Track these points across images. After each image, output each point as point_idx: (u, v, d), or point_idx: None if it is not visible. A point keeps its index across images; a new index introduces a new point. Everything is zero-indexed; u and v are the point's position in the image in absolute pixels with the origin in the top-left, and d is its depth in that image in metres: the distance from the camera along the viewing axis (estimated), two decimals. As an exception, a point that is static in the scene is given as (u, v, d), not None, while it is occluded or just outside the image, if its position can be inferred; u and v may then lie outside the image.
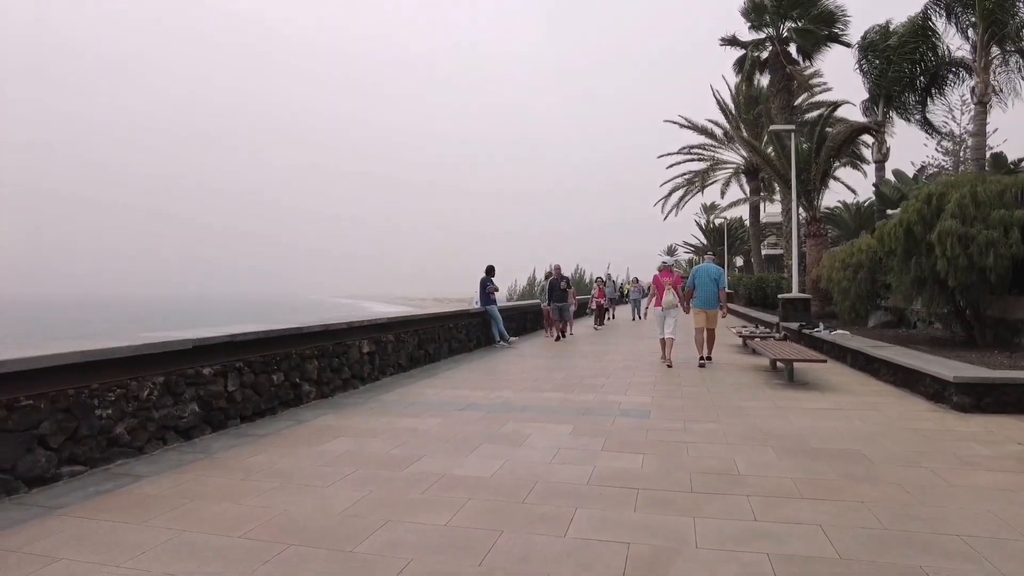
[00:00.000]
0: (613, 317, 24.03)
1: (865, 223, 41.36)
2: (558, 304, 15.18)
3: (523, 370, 9.91)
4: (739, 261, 55.99)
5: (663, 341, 10.68)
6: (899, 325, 13.26)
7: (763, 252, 36.07)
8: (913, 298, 10.02)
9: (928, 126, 20.73)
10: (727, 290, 12.97)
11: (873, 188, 18.86)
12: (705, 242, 57.51)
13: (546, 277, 16.17)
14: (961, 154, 48.38)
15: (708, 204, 59.90)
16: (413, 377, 9.30)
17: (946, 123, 42.31)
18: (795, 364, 8.35)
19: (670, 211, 34.98)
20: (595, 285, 21.73)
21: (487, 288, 13.84)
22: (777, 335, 12.18)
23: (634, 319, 23.61)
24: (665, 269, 10.90)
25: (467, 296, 50.83)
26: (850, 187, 28.04)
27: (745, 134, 20.09)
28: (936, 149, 40.82)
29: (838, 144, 17.05)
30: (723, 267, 35.05)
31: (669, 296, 10.47)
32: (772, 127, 16.55)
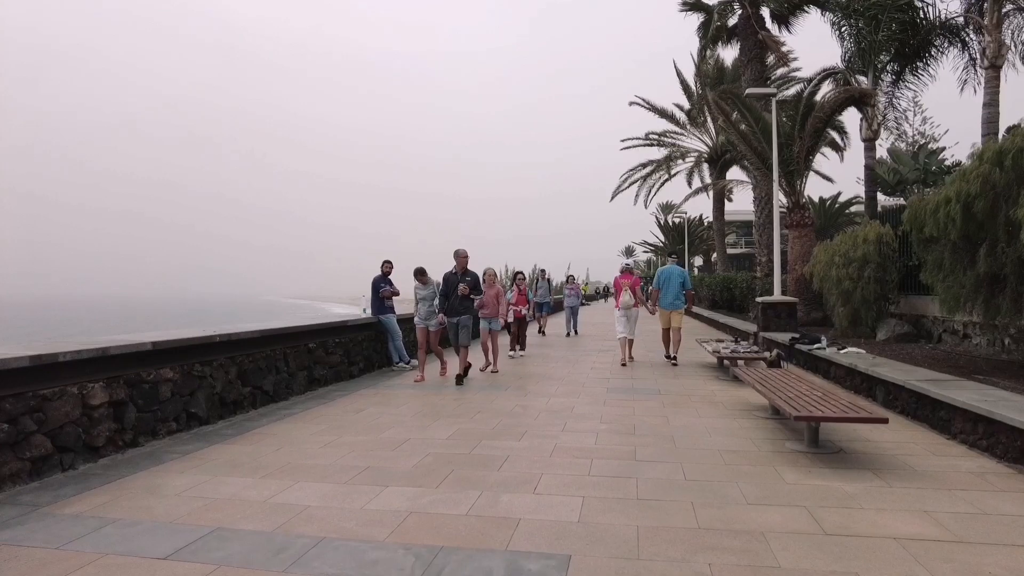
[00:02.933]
0: (543, 332, 16.72)
1: (833, 219, 39.14)
2: (454, 319, 8.75)
3: (389, 422, 6.31)
4: (698, 260, 53.60)
5: (623, 341, 10.67)
6: (918, 338, 10.19)
7: (727, 251, 33.28)
8: (973, 304, 6.84)
9: (891, 110, 17.82)
10: (691, 291, 10.85)
11: (865, 170, 15.99)
12: (664, 240, 55.00)
13: (417, 275, 9.39)
14: (920, 158, 46.59)
15: (665, 203, 57.57)
16: (203, 439, 5.63)
17: (899, 123, 40.36)
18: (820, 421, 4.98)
19: (637, 203, 31.81)
20: (513, 285, 13.02)
21: (380, 291, 10.22)
22: (768, 354, 8.91)
23: (569, 334, 16.46)
24: (626, 272, 11.19)
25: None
26: (826, 176, 25.18)
27: (711, 103, 16.90)
28: (889, 151, 39.09)
29: (827, 115, 14.03)
30: (684, 267, 32.38)
31: (626, 297, 10.55)
32: (749, 90, 13.43)
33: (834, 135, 21.85)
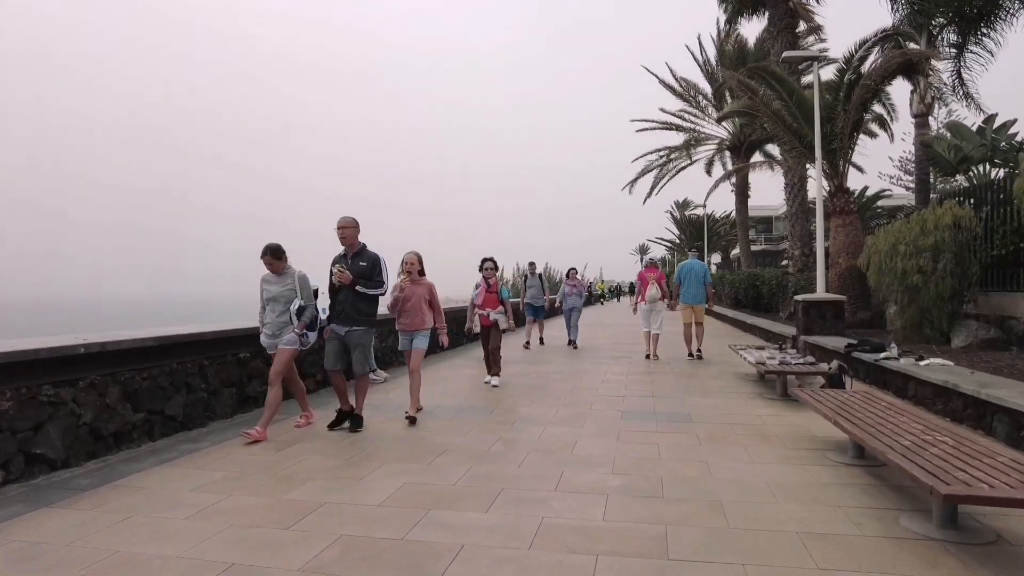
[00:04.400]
0: (542, 342, 12.78)
1: (860, 213, 36.90)
2: (342, 330, 5.57)
3: (312, 469, 4.51)
4: (717, 258, 51.35)
5: (648, 335, 10.46)
6: (1007, 345, 8.23)
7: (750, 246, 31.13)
8: None
9: (959, 82, 15.62)
10: (711, 285, 10.86)
11: (917, 149, 13.97)
12: (681, 237, 52.92)
13: (265, 255, 5.49)
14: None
15: (681, 201, 55.48)
16: (34, 497, 3.89)
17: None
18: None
19: (647, 197, 29.78)
20: (480, 279, 8.38)
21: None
22: (827, 367, 7.02)
23: (571, 343, 12.39)
24: (651, 265, 10.97)
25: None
26: (857, 165, 22.98)
27: (731, 84, 14.81)
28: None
29: (876, 83, 12.04)
30: (705, 263, 30.52)
31: (653, 290, 10.26)
32: (786, 54, 11.49)
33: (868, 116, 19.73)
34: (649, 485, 3.98)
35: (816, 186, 11.37)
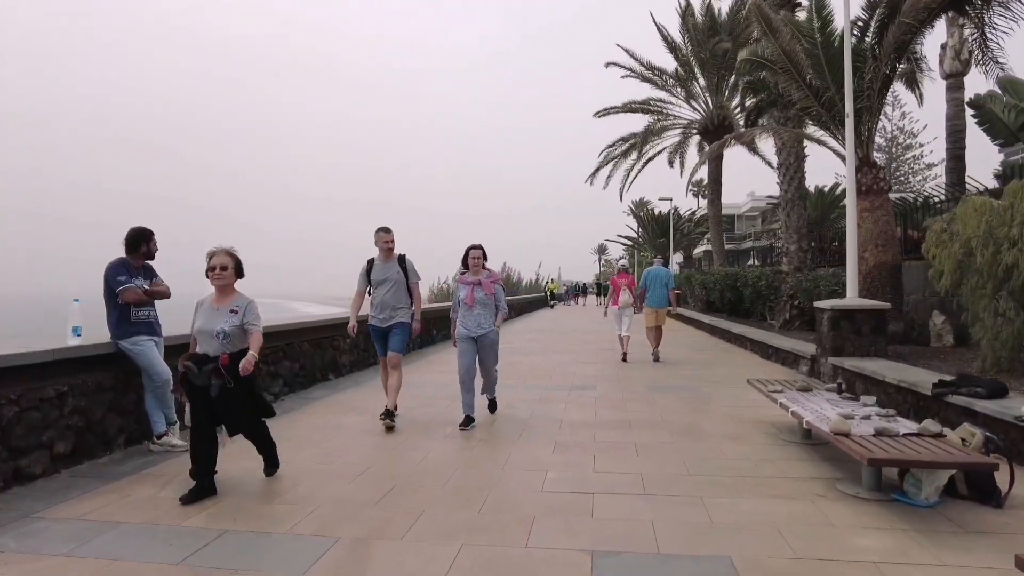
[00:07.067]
0: (389, 416, 5.50)
1: (828, 211, 34.74)
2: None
3: None
4: (679, 257, 48.97)
5: (620, 338, 10.76)
6: None
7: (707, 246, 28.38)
8: None
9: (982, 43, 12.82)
10: (676, 291, 11.55)
11: (951, 118, 11.20)
12: (643, 234, 50.46)
13: None
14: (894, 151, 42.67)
15: (638, 200, 53.21)
16: None
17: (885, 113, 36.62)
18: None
19: (609, 186, 26.77)
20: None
21: (121, 289, 4.93)
22: (960, 437, 3.88)
23: (469, 421, 5.61)
24: (623, 272, 11.56)
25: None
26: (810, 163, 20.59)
27: (754, 7, 11.70)
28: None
29: (921, 17, 9.09)
30: (669, 263, 27.81)
31: (625, 296, 10.78)
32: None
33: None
34: None
35: (847, 158, 8.32)
